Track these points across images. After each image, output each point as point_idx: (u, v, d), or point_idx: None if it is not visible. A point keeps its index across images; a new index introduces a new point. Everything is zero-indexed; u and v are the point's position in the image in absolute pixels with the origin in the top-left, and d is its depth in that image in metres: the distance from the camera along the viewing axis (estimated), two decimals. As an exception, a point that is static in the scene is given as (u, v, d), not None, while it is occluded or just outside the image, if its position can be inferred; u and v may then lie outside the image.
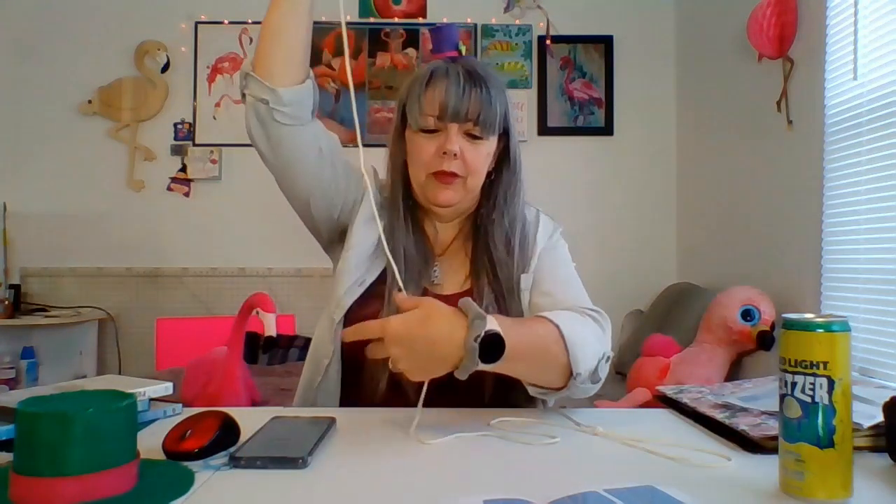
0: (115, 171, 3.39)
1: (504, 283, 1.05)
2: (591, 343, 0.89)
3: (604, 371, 0.90)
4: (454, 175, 1.03)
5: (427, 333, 0.76)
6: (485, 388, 1.01)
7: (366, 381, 1.02)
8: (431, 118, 1.03)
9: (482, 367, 0.78)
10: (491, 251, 1.07)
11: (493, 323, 0.78)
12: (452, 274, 1.11)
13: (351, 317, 1.02)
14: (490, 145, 1.06)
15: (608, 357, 0.92)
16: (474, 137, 1.04)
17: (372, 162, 1.08)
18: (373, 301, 1.04)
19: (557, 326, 0.86)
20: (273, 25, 1.00)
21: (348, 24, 3.43)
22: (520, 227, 1.09)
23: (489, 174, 1.09)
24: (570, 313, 0.93)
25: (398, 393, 0.98)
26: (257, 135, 1.03)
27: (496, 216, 1.08)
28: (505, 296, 1.05)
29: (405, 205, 1.10)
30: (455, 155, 1.02)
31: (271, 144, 1.03)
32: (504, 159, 1.10)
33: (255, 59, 1.01)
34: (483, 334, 0.76)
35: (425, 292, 1.06)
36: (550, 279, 1.07)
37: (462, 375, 0.77)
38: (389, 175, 1.13)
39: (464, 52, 1.10)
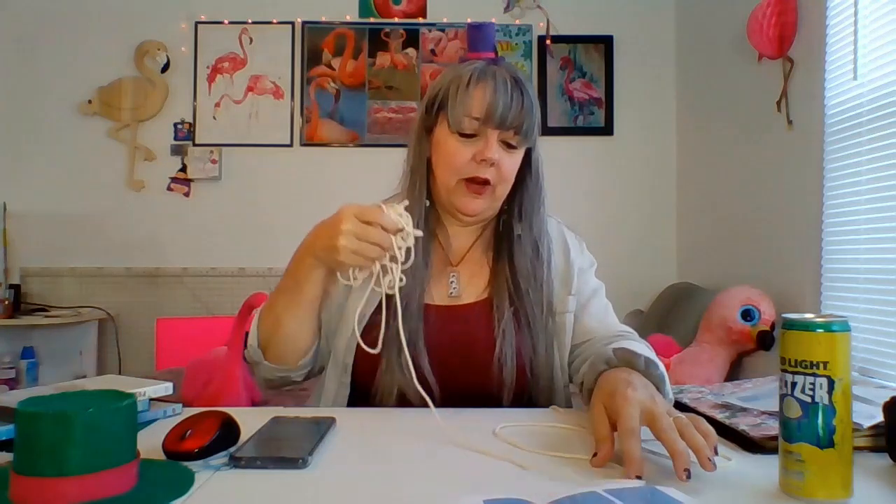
0: (115, 171, 3.39)
1: (527, 298, 1.02)
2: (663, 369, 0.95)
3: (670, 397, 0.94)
4: (486, 183, 0.99)
5: (645, 388, 0.76)
6: (503, 397, 1.00)
7: (375, 404, 1.01)
8: (474, 121, 0.98)
9: None
10: (515, 265, 1.04)
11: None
12: (472, 285, 1.07)
13: (358, 354, 1.02)
14: (522, 154, 1.03)
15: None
16: (510, 146, 1.00)
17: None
18: (371, 330, 0.98)
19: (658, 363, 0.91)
20: (287, 330, 0.99)
21: (349, 24, 3.43)
22: (546, 241, 1.06)
23: None
24: (644, 345, 0.99)
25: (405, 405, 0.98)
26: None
27: (523, 230, 1.05)
28: (528, 311, 1.02)
29: (423, 208, 1.05)
30: (493, 163, 0.98)
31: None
32: (526, 168, 1.05)
33: (266, 351, 1.01)
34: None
35: (427, 308, 1.02)
36: (596, 302, 1.10)
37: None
38: (408, 176, 1.07)
39: (498, 54, 1.05)
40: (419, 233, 0.90)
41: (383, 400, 0.98)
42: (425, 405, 0.86)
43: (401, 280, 0.89)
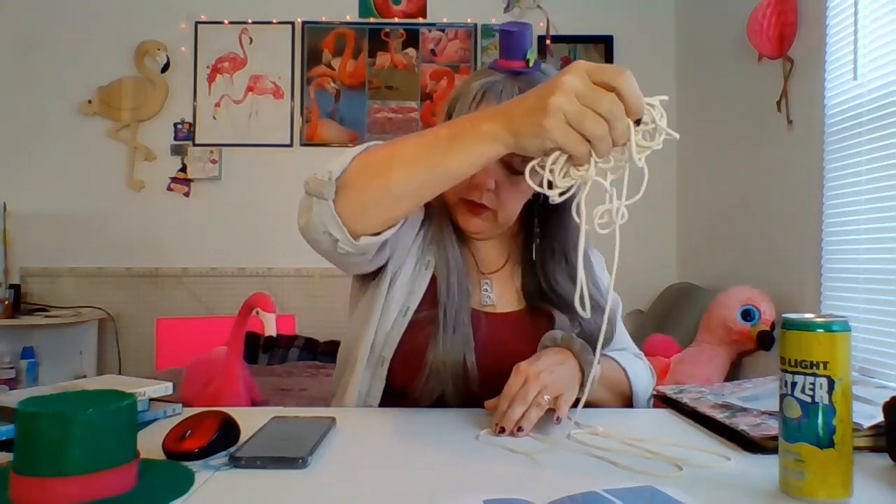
0: (115, 171, 3.39)
1: (563, 311, 1.00)
2: (646, 382, 1.04)
3: (649, 405, 1.05)
4: (483, 207, 0.95)
5: (552, 361, 0.84)
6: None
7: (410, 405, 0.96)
8: None
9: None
10: (549, 279, 1.01)
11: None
12: (504, 295, 1.05)
13: (398, 350, 0.95)
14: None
15: (653, 395, 1.05)
16: (515, 172, 0.92)
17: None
18: (419, 328, 0.95)
19: (623, 368, 1.01)
20: (389, 182, 0.75)
21: (349, 24, 3.44)
22: (574, 256, 1.01)
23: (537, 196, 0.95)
24: (630, 355, 1.07)
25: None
26: (318, 250, 0.85)
27: (556, 247, 1.01)
28: (563, 324, 0.99)
29: (451, 218, 1.02)
30: (488, 188, 0.93)
31: (334, 262, 0.89)
32: None
33: (342, 189, 0.76)
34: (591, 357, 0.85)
35: (475, 313, 0.99)
36: (619, 331, 1.13)
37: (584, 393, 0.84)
38: None
39: (531, 63, 0.93)
40: (676, 135, 0.66)
41: (421, 403, 0.95)
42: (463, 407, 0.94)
43: (622, 215, 0.63)
